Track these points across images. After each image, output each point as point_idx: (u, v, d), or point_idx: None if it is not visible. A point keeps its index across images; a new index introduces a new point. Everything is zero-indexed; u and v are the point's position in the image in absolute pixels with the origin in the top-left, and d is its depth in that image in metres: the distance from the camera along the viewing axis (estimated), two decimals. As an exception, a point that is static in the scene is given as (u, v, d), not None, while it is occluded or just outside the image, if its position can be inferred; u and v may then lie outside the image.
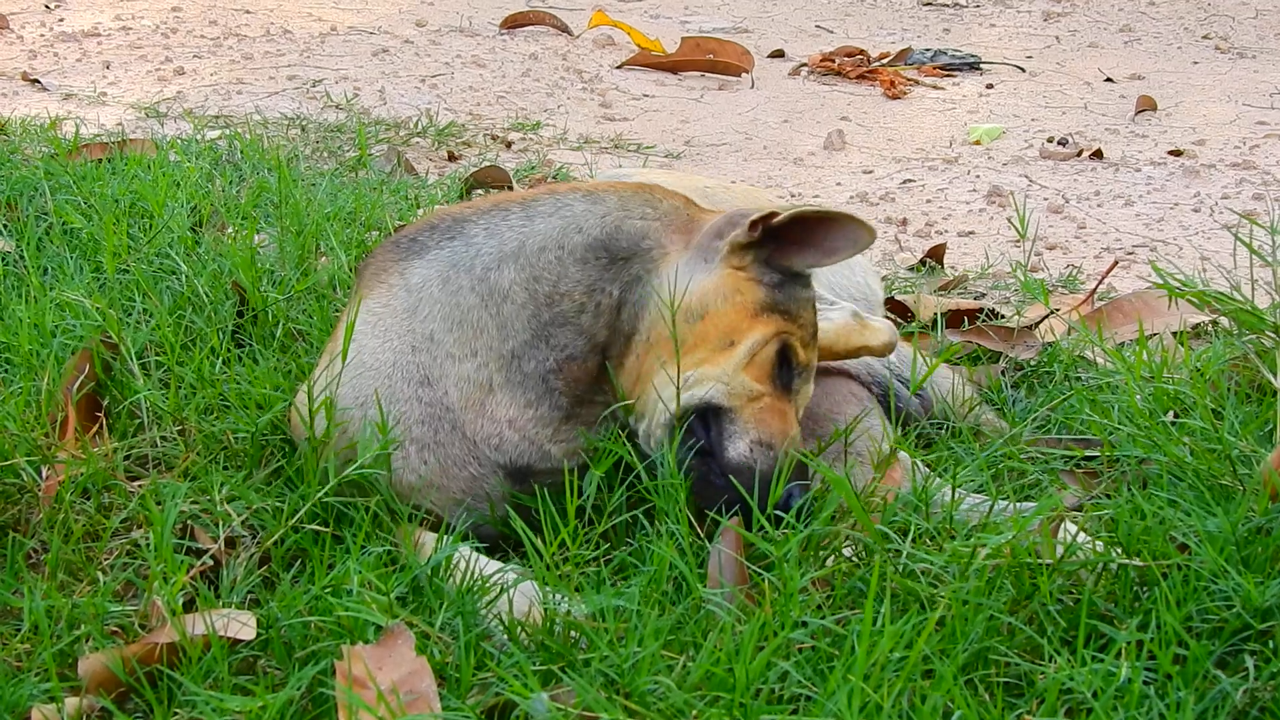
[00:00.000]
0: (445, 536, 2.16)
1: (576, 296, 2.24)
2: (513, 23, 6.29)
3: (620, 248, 2.26)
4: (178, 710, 1.84)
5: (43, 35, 5.85)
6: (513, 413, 2.24)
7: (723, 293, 2.22)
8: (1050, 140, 4.97)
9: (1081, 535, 2.05)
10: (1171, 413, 2.47)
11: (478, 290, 2.27)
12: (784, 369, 2.24)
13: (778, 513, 2.10)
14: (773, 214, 2.23)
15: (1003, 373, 2.91)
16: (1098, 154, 4.82)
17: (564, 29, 6.23)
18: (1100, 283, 3.45)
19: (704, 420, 2.19)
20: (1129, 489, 2.26)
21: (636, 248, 2.26)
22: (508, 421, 2.24)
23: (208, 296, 2.84)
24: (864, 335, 2.49)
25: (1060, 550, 1.98)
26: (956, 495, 2.19)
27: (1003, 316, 3.26)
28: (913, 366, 2.60)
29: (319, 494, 2.17)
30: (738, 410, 2.19)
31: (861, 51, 6.03)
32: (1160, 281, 2.62)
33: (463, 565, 2.04)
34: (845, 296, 2.68)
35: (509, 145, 4.77)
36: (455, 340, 2.26)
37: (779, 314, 2.24)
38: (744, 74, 5.73)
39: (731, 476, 2.14)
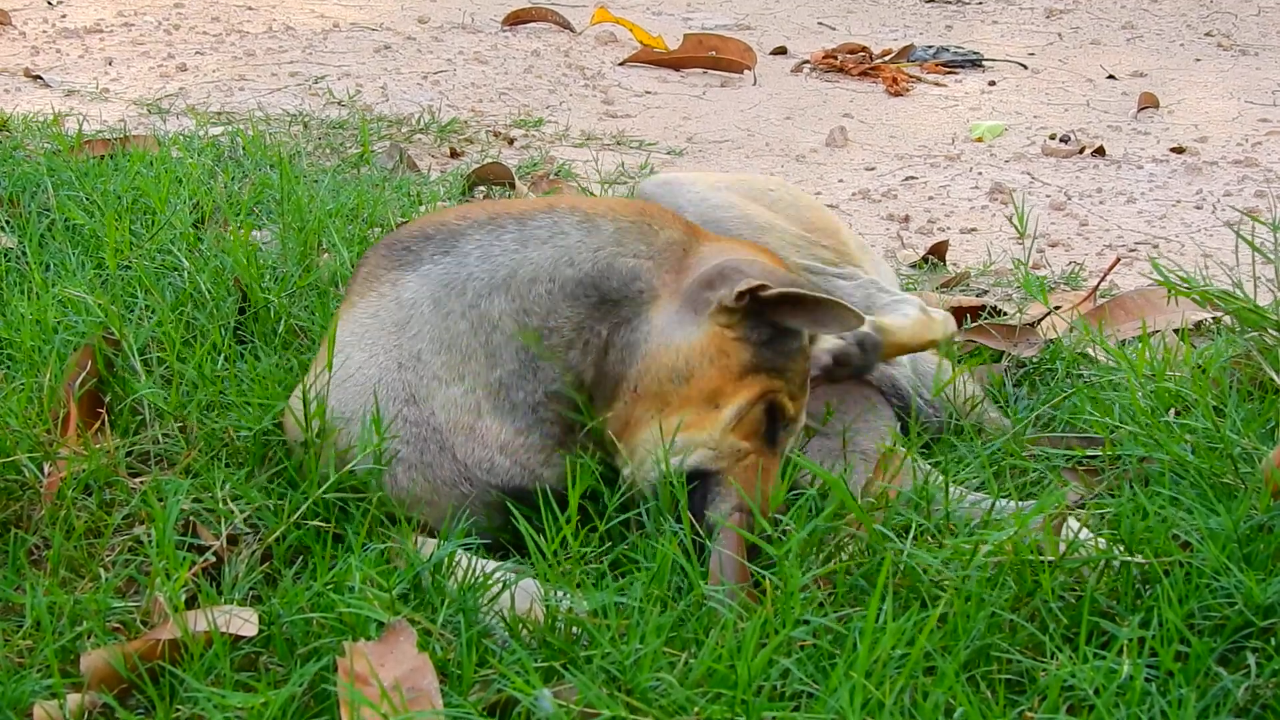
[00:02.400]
0: (446, 537, 2.16)
1: (565, 333, 2.21)
2: (515, 19, 6.29)
3: (610, 288, 2.22)
4: (179, 707, 1.84)
5: (45, 31, 5.85)
6: (504, 438, 2.21)
7: (709, 355, 2.18)
8: (1052, 137, 4.97)
9: (1084, 532, 2.05)
10: (1173, 410, 2.47)
11: (468, 316, 2.24)
12: (771, 426, 2.22)
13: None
14: (763, 286, 2.17)
15: (1005, 370, 2.90)
16: (1100, 151, 4.81)
17: (566, 26, 6.22)
18: (1102, 280, 3.45)
19: (689, 484, 2.16)
20: (1131, 486, 2.26)
21: (627, 290, 2.23)
22: (499, 447, 2.21)
23: (210, 293, 2.84)
24: (931, 329, 2.53)
25: (1062, 548, 1.98)
26: (957, 492, 2.19)
27: (1005, 314, 3.26)
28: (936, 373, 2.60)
29: (319, 491, 2.17)
30: (725, 471, 2.17)
31: (864, 48, 6.02)
32: (1161, 279, 2.62)
33: (464, 563, 2.04)
34: None
35: (511, 142, 4.76)
36: (443, 363, 2.23)
37: (766, 372, 2.20)
38: (746, 71, 5.73)
39: (709, 537, 2.12)
